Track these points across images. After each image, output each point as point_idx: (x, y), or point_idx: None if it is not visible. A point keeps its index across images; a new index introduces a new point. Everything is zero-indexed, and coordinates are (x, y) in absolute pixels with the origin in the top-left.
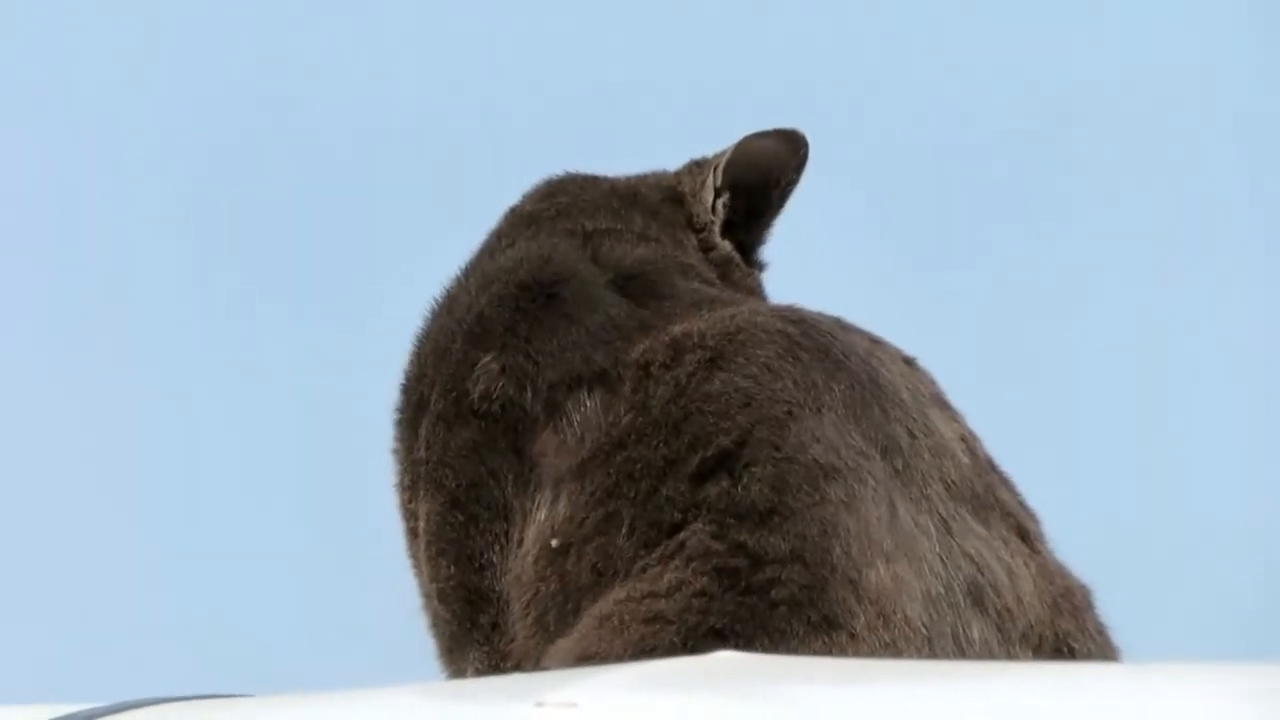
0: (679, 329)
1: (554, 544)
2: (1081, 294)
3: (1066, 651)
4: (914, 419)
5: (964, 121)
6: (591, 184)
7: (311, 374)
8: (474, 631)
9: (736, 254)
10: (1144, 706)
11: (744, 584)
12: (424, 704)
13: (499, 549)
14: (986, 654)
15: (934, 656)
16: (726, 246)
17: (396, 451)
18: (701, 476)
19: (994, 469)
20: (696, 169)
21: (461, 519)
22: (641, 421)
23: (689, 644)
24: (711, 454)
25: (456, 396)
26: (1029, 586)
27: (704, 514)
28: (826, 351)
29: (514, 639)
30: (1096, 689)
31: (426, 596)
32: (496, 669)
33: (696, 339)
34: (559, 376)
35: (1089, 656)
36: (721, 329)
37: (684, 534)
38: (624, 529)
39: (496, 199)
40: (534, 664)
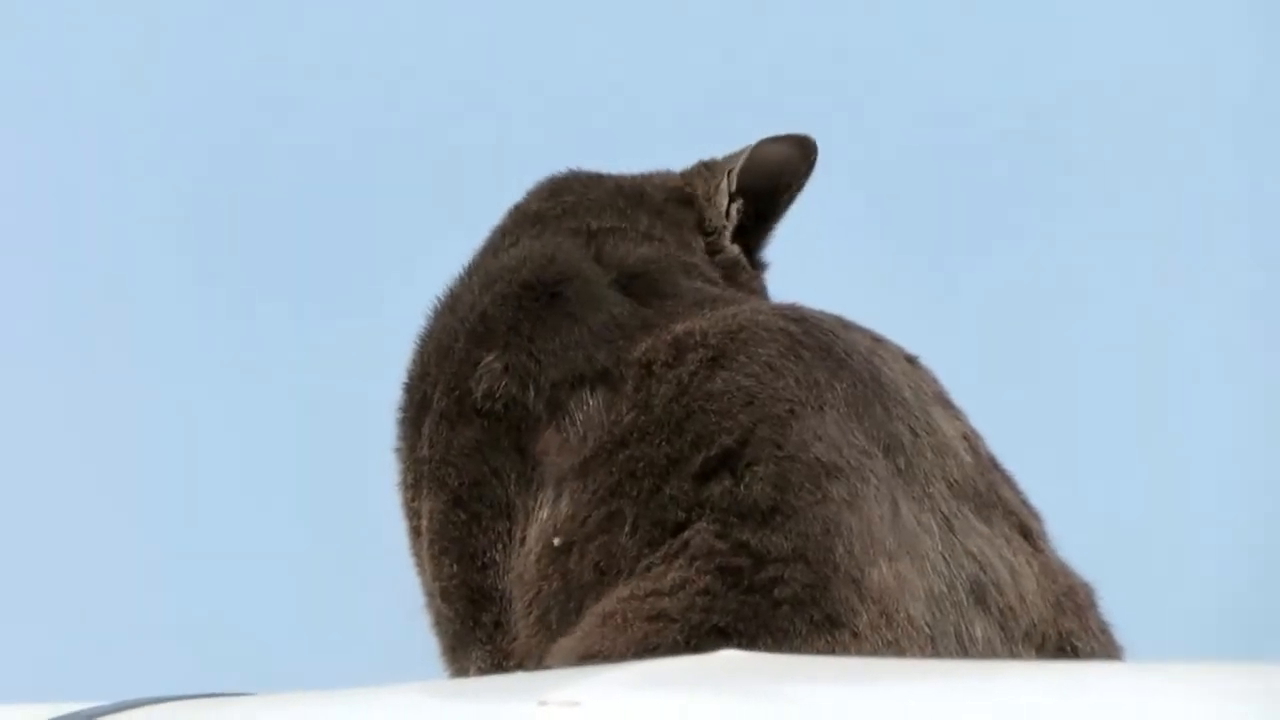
0: (681, 328)
1: (556, 542)
2: (1082, 292)
3: (1069, 650)
4: (916, 417)
5: (964, 120)
6: (596, 182)
7: (313, 373)
8: (477, 630)
9: (743, 257)
10: (1146, 706)
11: (747, 582)
12: (426, 703)
13: (502, 548)
14: (989, 653)
15: (937, 655)
16: (735, 250)
17: (399, 450)
18: (704, 475)
19: (996, 467)
20: (706, 171)
21: (464, 517)
22: (644, 420)
23: (692, 642)
24: (714, 453)
25: (459, 395)
26: (1032, 585)
27: (707, 513)
28: (828, 350)
29: (516, 638)
30: (1099, 688)
31: (429, 595)
32: (499, 668)
33: (699, 338)
34: (562, 375)
35: (1092, 655)
36: (723, 328)
37: (687, 533)
38: (627, 527)
39: (498, 198)
40: (537, 663)
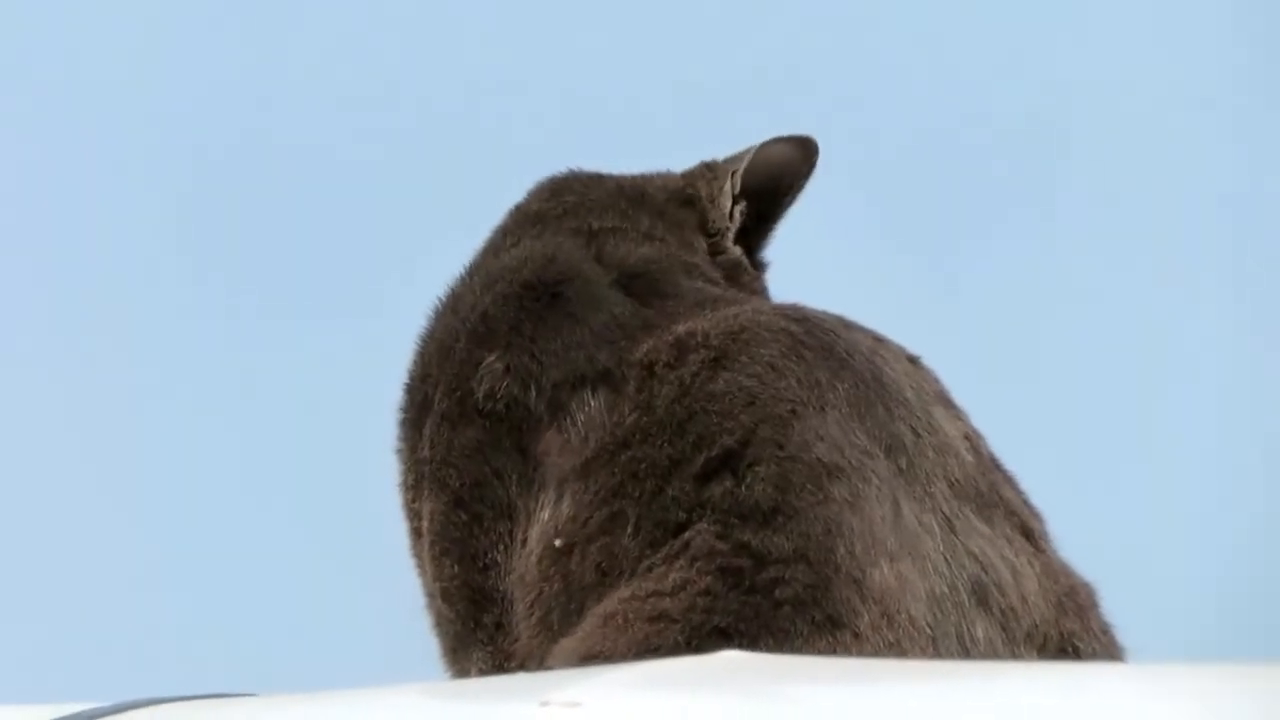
0: (683, 328)
1: (558, 543)
2: (1083, 292)
3: (1071, 651)
4: (918, 417)
5: (964, 119)
6: (598, 183)
7: (314, 373)
8: (478, 631)
9: (745, 258)
10: (1147, 706)
11: (748, 583)
12: (428, 703)
13: (503, 548)
14: (991, 653)
15: (938, 656)
16: (737, 251)
17: (400, 451)
18: (706, 476)
19: (998, 467)
20: (708, 173)
21: (465, 518)
22: (646, 421)
23: (693, 643)
24: (715, 453)
25: (461, 396)
26: (1033, 585)
27: (708, 513)
28: (830, 350)
29: (518, 638)
30: (1101, 689)
31: (430, 596)
32: (500, 669)
33: (700, 338)
34: (563, 376)
35: (1093, 656)
36: (725, 328)
37: (688, 533)
38: (628, 528)
39: (498, 198)
40: (538, 663)
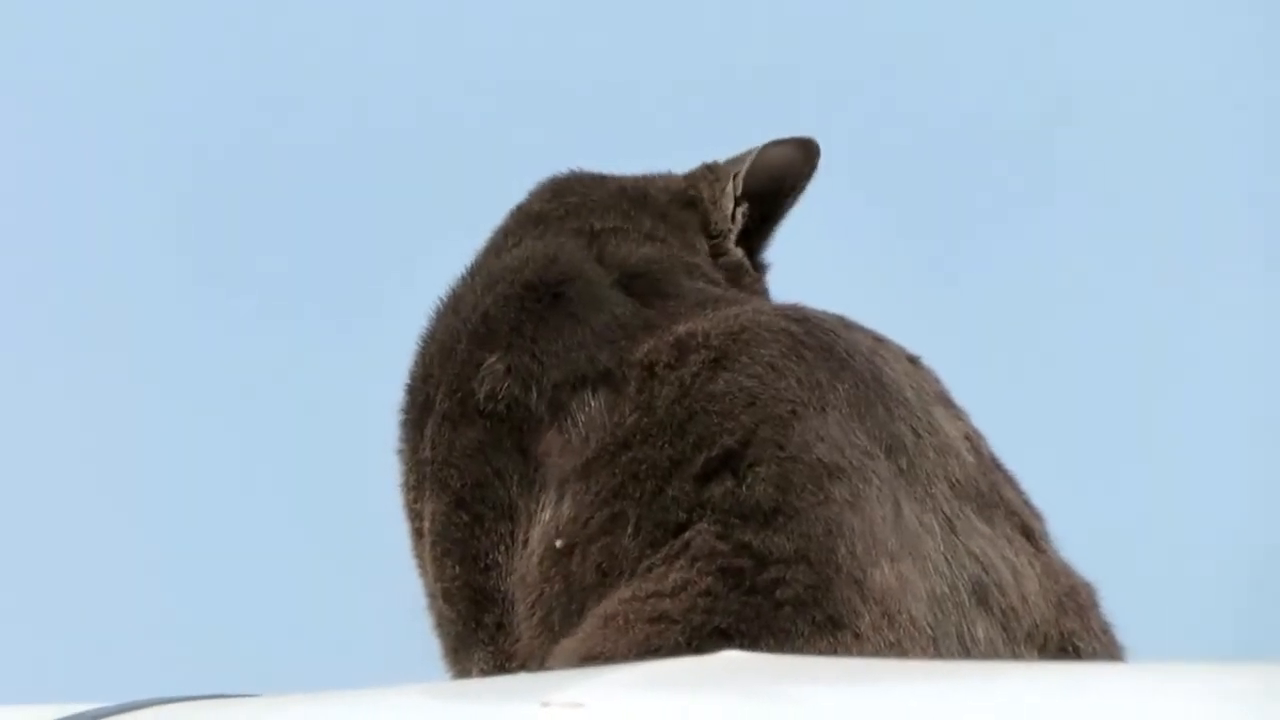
0: (683, 328)
1: (559, 544)
2: (1084, 292)
3: (1071, 651)
4: (918, 417)
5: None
6: (599, 183)
7: (315, 374)
8: (479, 631)
9: (746, 260)
10: (1148, 706)
11: (749, 584)
12: (429, 704)
13: (504, 549)
14: (991, 653)
15: (939, 656)
16: (738, 253)
17: (401, 452)
18: (706, 476)
19: (998, 467)
20: (710, 174)
21: (467, 519)
22: (646, 421)
23: (694, 644)
24: (716, 454)
25: (462, 397)
26: (1034, 585)
27: (709, 514)
28: (830, 350)
29: (519, 639)
30: (1101, 688)
31: (431, 596)
32: (501, 669)
33: (701, 339)
34: (564, 376)
35: (1094, 656)
36: (725, 328)
37: (689, 534)
38: (629, 529)
39: (499, 198)
40: (539, 664)
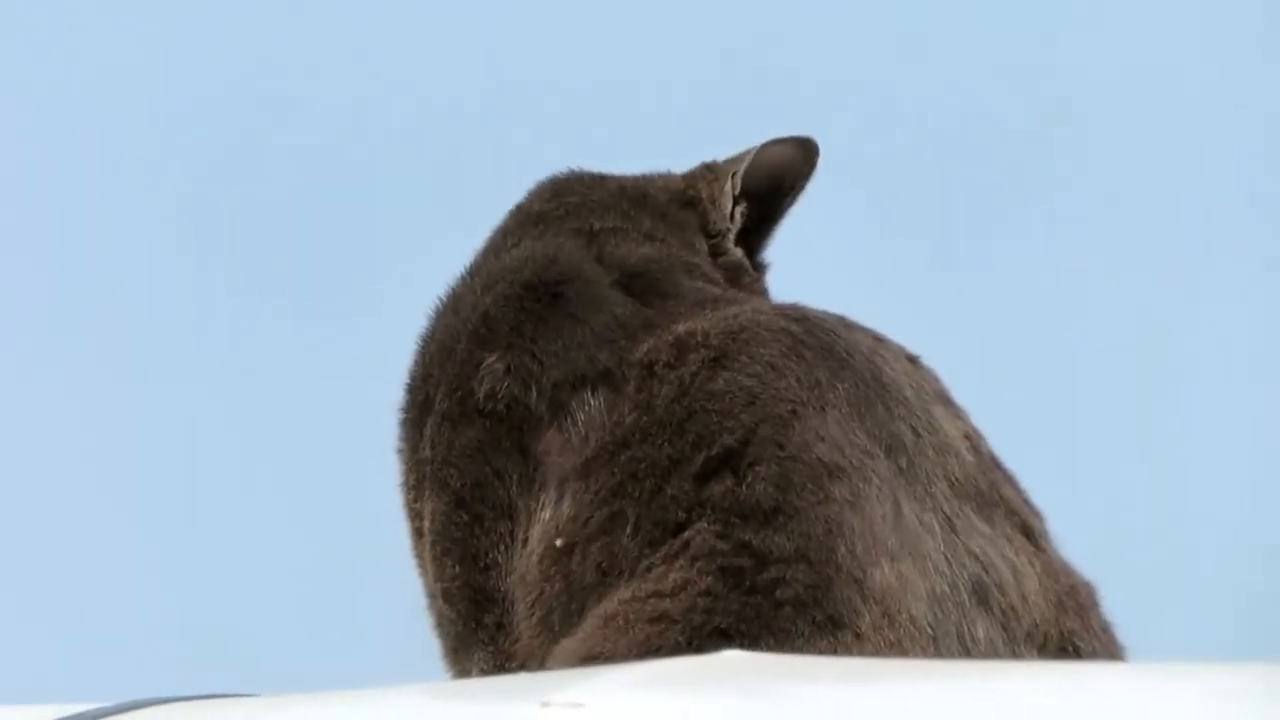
0: (683, 328)
1: (558, 543)
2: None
3: (1071, 650)
4: (918, 417)
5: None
6: (599, 183)
7: (315, 374)
8: (479, 631)
9: (746, 259)
10: (1148, 705)
11: (749, 583)
12: (429, 704)
13: (504, 549)
14: (991, 653)
15: (939, 655)
16: (738, 253)
17: (401, 451)
18: (706, 475)
19: (998, 466)
20: (709, 174)
21: (466, 519)
22: (646, 421)
23: (694, 644)
24: (716, 453)
25: (461, 396)
26: (1034, 585)
27: (709, 513)
28: (830, 349)
29: (519, 639)
30: (1101, 688)
31: (431, 596)
32: (501, 669)
33: (700, 338)
34: (564, 376)
35: (1094, 655)
36: (725, 328)
37: (689, 533)
38: (628, 528)
39: (498, 198)
40: (539, 664)
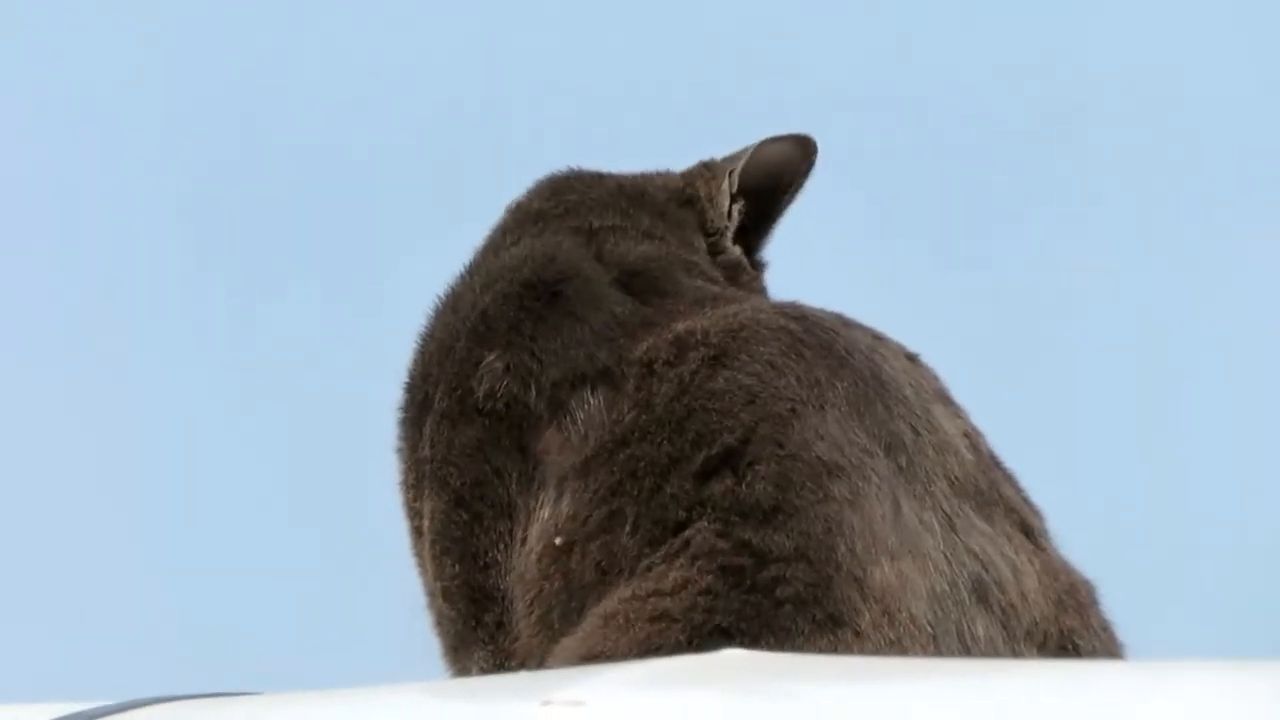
0: (682, 326)
1: (558, 542)
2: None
3: (1071, 649)
4: (917, 415)
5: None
6: (598, 182)
7: (314, 372)
8: (479, 630)
9: (744, 258)
10: (1149, 704)
11: (749, 582)
12: (429, 702)
13: (503, 547)
14: (991, 651)
15: (939, 654)
16: (736, 251)
17: (400, 450)
18: (706, 474)
19: (997, 465)
20: (707, 172)
21: (466, 517)
22: (645, 419)
23: (694, 642)
24: (715, 451)
25: (461, 395)
26: (1033, 583)
27: (708, 512)
28: (829, 348)
29: (518, 638)
30: (1101, 686)
31: (431, 595)
32: (501, 668)
33: (700, 336)
34: (563, 374)
35: (1094, 654)
36: (724, 326)
37: (688, 532)
38: (628, 527)
39: (498, 197)
40: (539, 663)
